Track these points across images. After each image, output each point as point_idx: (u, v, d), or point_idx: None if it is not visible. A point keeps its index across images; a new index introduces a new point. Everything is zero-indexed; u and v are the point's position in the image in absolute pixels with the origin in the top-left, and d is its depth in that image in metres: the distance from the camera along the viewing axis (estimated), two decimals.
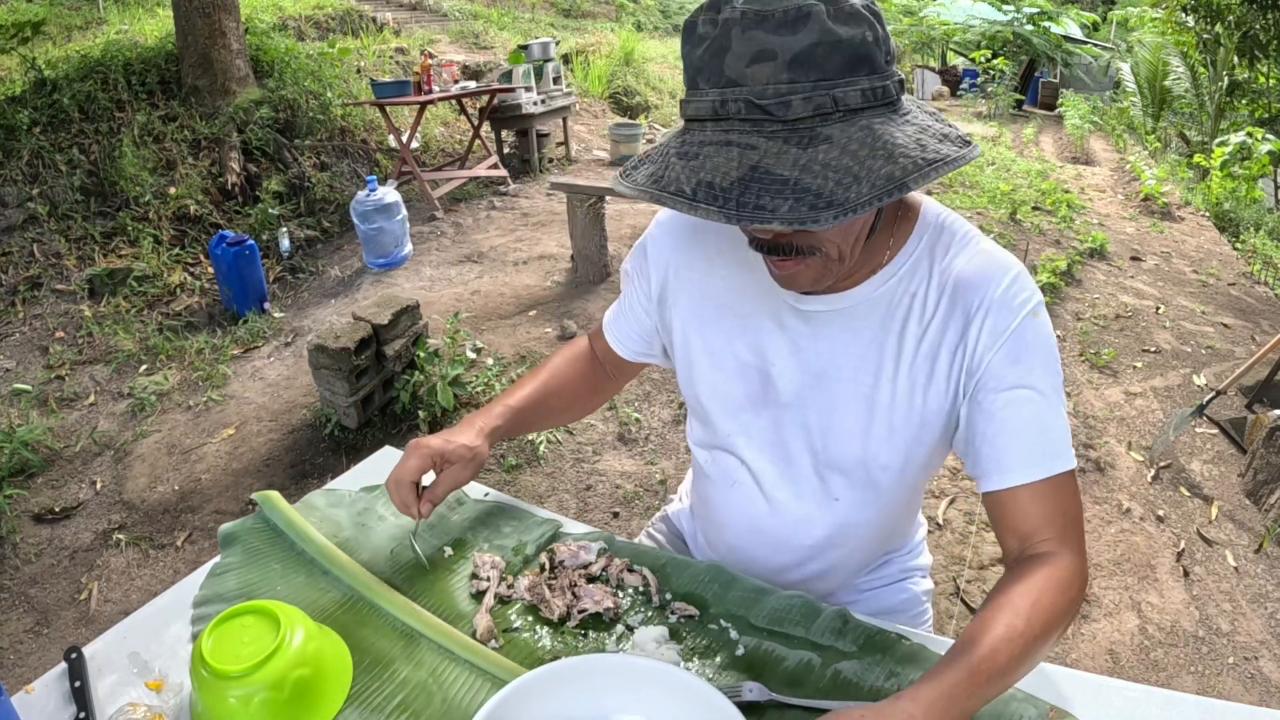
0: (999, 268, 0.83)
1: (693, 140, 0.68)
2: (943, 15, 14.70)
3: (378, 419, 3.11)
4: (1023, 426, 0.80)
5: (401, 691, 0.81)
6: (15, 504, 2.80)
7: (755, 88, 0.64)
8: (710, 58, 0.66)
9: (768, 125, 0.64)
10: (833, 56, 0.64)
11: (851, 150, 0.63)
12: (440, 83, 5.89)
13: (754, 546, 1.02)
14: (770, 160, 0.63)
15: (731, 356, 0.93)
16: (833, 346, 0.87)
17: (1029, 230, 5.27)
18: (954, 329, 0.82)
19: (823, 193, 0.61)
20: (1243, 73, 8.80)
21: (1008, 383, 0.80)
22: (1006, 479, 0.80)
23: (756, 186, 0.62)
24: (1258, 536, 2.58)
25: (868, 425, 0.87)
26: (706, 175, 0.64)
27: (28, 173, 4.63)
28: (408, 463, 0.94)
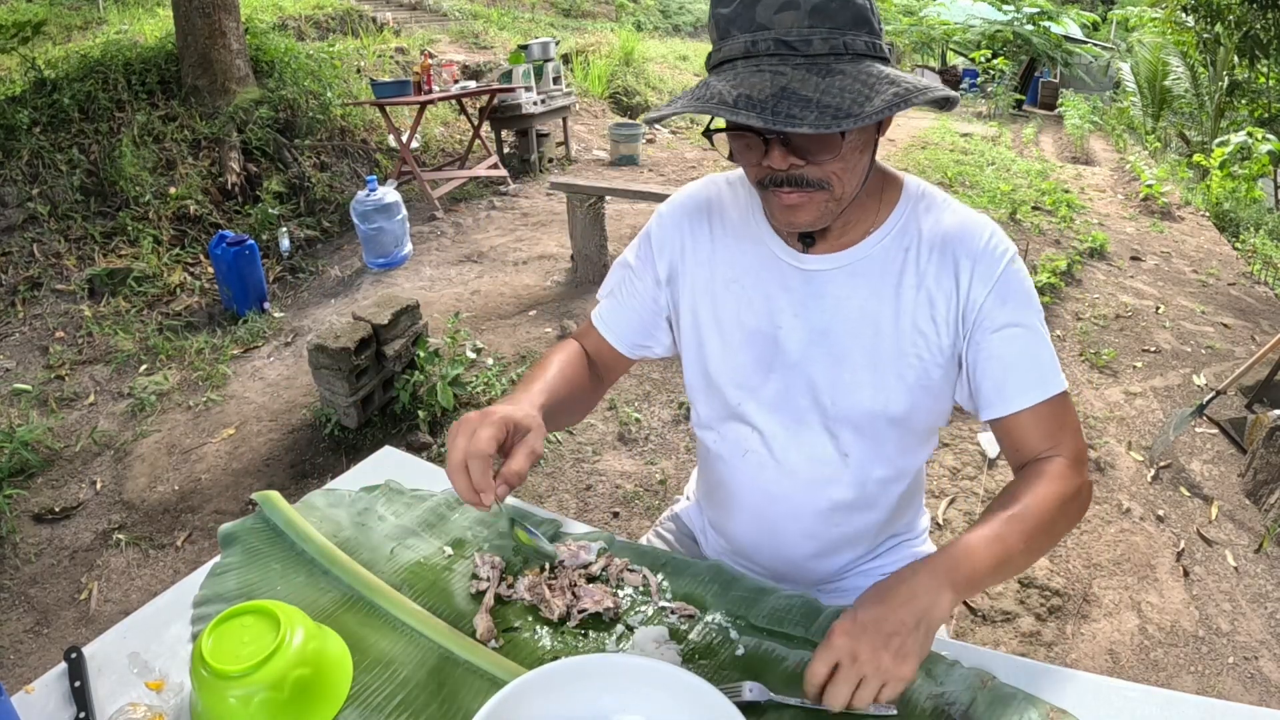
0: (979, 224, 0.93)
1: (728, 74, 0.78)
2: (943, 15, 14.69)
3: (378, 419, 3.11)
4: (1017, 358, 0.90)
5: (401, 691, 0.81)
6: (15, 504, 2.80)
7: (781, 29, 0.76)
8: (743, 9, 0.77)
9: (793, 59, 0.76)
10: (843, 11, 0.76)
11: (863, 79, 0.75)
12: (440, 83, 5.89)
13: (770, 518, 1.04)
14: (797, 84, 0.74)
15: (739, 326, 0.99)
16: (835, 303, 0.94)
17: (1029, 230, 5.27)
18: (947, 277, 0.91)
19: (841, 107, 0.72)
20: (1243, 73, 8.79)
21: (1000, 322, 0.90)
22: (1009, 405, 0.90)
23: (787, 102, 0.73)
24: (1258, 536, 2.58)
25: (874, 376, 0.93)
26: (745, 90, 0.74)
27: (28, 173, 4.63)
28: (480, 433, 0.81)
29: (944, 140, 8.65)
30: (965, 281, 0.90)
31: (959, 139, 8.78)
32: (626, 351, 1.10)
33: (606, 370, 1.13)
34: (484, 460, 0.80)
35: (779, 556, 1.07)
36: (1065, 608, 2.25)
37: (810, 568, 1.08)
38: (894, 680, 0.70)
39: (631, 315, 1.08)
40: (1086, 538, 2.55)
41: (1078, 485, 0.88)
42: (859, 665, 0.70)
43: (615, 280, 1.10)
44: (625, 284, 1.09)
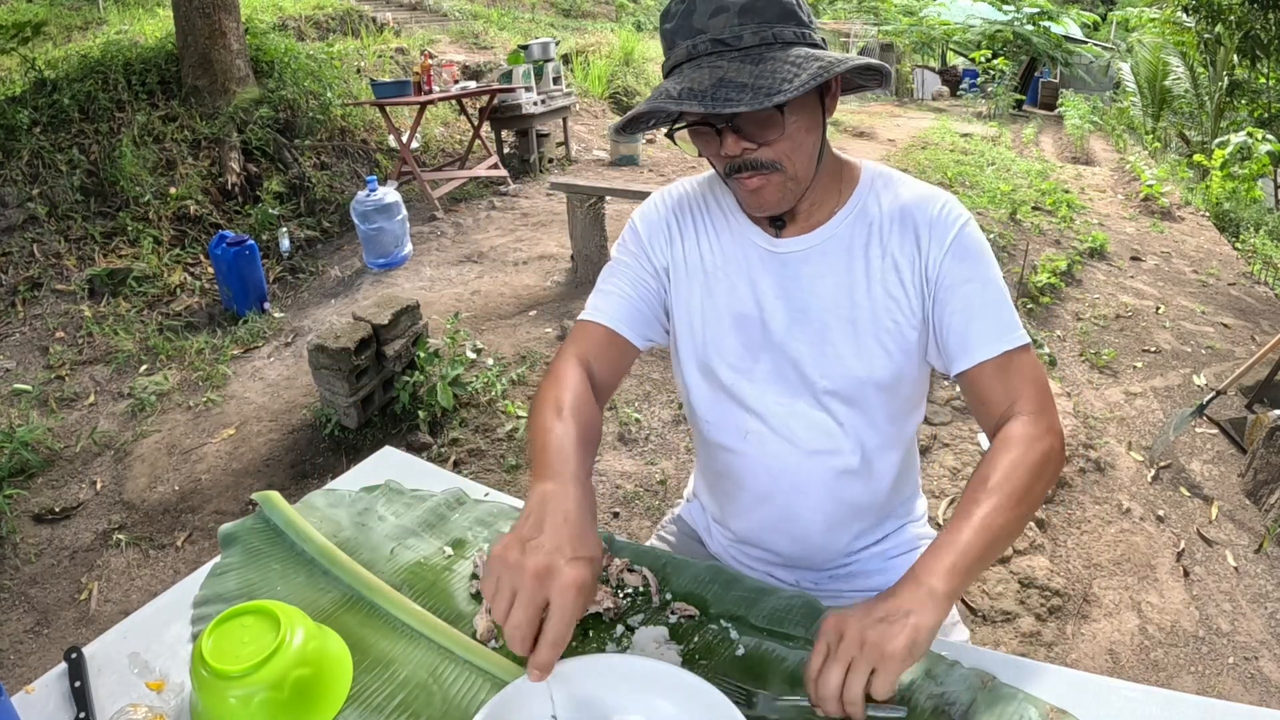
0: (933, 195, 1.00)
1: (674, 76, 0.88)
2: (943, 15, 14.69)
3: (378, 419, 3.11)
4: (977, 311, 0.95)
5: (401, 691, 0.81)
6: (15, 504, 2.80)
7: (716, 31, 0.86)
8: (681, 20, 0.88)
9: (728, 53, 0.85)
10: (770, 8, 0.86)
11: (792, 61, 0.83)
12: (440, 83, 5.89)
13: (777, 495, 1.06)
14: (733, 73, 0.83)
15: (727, 311, 1.04)
16: (811, 281, 1.01)
17: (1029, 230, 5.27)
18: (908, 245, 0.98)
19: (772, 87, 0.81)
20: (1243, 72, 8.79)
21: (959, 279, 0.96)
22: (973, 357, 0.94)
23: (725, 89, 0.82)
24: (1258, 536, 2.58)
25: (855, 345, 0.99)
26: (687, 84, 0.84)
27: (28, 173, 4.63)
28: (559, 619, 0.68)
29: (944, 140, 8.65)
30: (925, 245, 0.97)
31: (959, 139, 8.78)
32: (636, 340, 1.04)
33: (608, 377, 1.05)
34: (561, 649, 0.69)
35: (789, 536, 1.10)
36: (1065, 608, 2.25)
37: (820, 544, 1.10)
38: (884, 662, 0.69)
39: (637, 303, 1.05)
40: (1086, 538, 2.55)
41: (1047, 447, 0.88)
42: (845, 644, 0.71)
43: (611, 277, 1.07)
44: (619, 277, 1.06)
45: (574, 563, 0.69)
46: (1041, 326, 4.03)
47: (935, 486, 2.70)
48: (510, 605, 0.68)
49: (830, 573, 1.13)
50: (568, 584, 0.68)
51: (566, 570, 0.69)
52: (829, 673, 0.70)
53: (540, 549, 0.70)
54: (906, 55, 16.90)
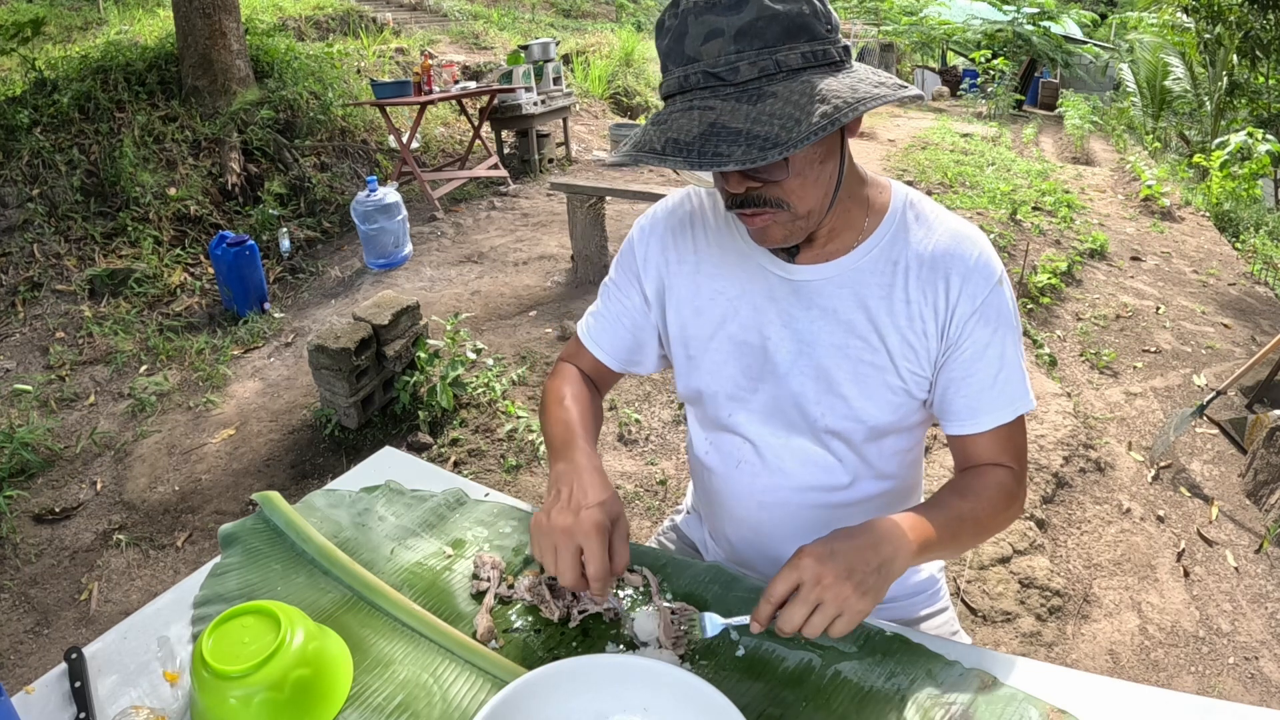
0: (971, 242, 0.93)
1: (665, 112, 0.78)
2: (943, 15, 14.69)
3: (378, 419, 3.11)
4: (991, 381, 0.92)
5: (401, 691, 0.81)
6: (15, 504, 2.80)
7: (709, 60, 0.75)
8: (673, 43, 0.77)
9: (722, 89, 0.75)
10: (771, 27, 0.74)
11: (794, 100, 0.73)
12: (440, 83, 5.89)
13: (767, 527, 1.05)
14: (726, 117, 0.73)
15: (727, 338, 0.99)
16: (823, 314, 0.94)
17: (1029, 230, 5.27)
18: (936, 295, 0.91)
19: (769, 137, 0.71)
20: (1243, 73, 8.79)
21: (981, 344, 0.91)
22: (979, 425, 0.93)
23: (715, 139, 0.72)
24: (1258, 537, 2.58)
25: (862, 388, 0.94)
26: (672, 134, 0.74)
27: (28, 173, 4.63)
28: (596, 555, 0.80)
29: (944, 140, 8.65)
30: (954, 299, 0.90)
31: (959, 139, 8.78)
32: (617, 368, 1.10)
33: (602, 384, 1.14)
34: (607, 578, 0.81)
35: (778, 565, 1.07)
36: (1066, 608, 2.25)
37: None
38: (850, 613, 0.73)
39: (622, 332, 1.08)
40: (1087, 538, 2.55)
41: (1019, 502, 0.95)
42: (820, 589, 0.73)
43: (604, 297, 1.10)
44: (612, 301, 1.09)
45: (589, 511, 0.82)
46: (1041, 326, 4.03)
47: (936, 487, 2.70)
48: (555, 559, 0.81)
49: None
50: (589, 529, 0.81)
51: (584, 518, 0.81)
52: (794, 612, 0.73)
53: (564, 510, 0.83)
54: (906, 55, 16.90)
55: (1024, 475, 0.97)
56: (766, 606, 0.75)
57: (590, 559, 0.80)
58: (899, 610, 1.13)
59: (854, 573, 0.74)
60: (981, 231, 0.94)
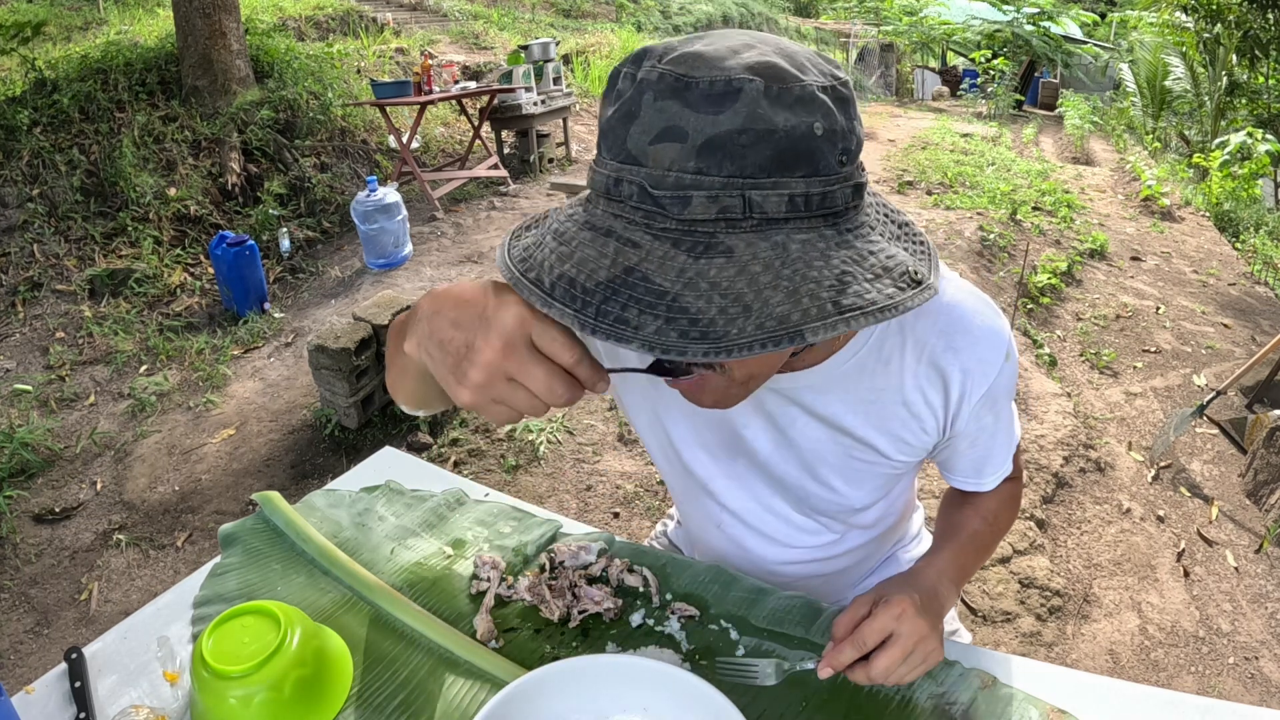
0: (970, 324, 0.77)
1: (576, 219, 0.57)
2: (943, 15, 14.70)
3: (378, 419, 3.11)
4: (996, 448, 0.90)
5: (402, 691, 0.81)
6: (15, 504, 2.80)
7: (654, 171, 0.52)
8: (617, 123, 0.55)
9: (659, 220, 0.52)
10: (758, 148, 0.51)
11: (752, 272, 0.51)
12: (440, 83, 5.89)
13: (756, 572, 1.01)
14: (651, 265, 0.51)
15: (696, 415, 0.88)
16: (806, 415, 0.83)
17: (1029, 230, 5.27)
18: (935, 392, 0.80)
19: (700, 319, 0.49)
20: (1242, 72, 8.80)
21: (990, 424, 0.86)
22: (983, 485, 0.93)
23: (626, 294, 0.51)
24: (1258, 537, 2.58)
25: (850, 480, 0.88)
26: (570, 269, 0.53)
27: (28, 173, 4.63)
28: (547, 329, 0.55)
29: (944, 140, 8.66)
30: (956, 393, 0.79)
31: (959, 139, 8.78)
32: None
33: None
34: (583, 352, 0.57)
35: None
36: (1066, 608, 2.25)
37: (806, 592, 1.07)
38: (930, 665, 0.72)
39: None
40: (1087, 538, 2.55)
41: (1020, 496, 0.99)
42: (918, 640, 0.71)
43: None
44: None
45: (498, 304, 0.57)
46: (1041, 326, 4.03)
47: (936, 487, 2.71)
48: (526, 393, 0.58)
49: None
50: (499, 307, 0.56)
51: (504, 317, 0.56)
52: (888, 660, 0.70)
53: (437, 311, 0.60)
54: (906, 55, 16.91)
55: (1021, 472, 0.98)
56: (851, 651, 0.70)
57: (557, 350, 0.55)
58: None
59: (936, 624, 0.73)
60: (985, 299, 0.80)
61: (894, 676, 0.71)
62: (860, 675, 0.71)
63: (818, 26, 18.12)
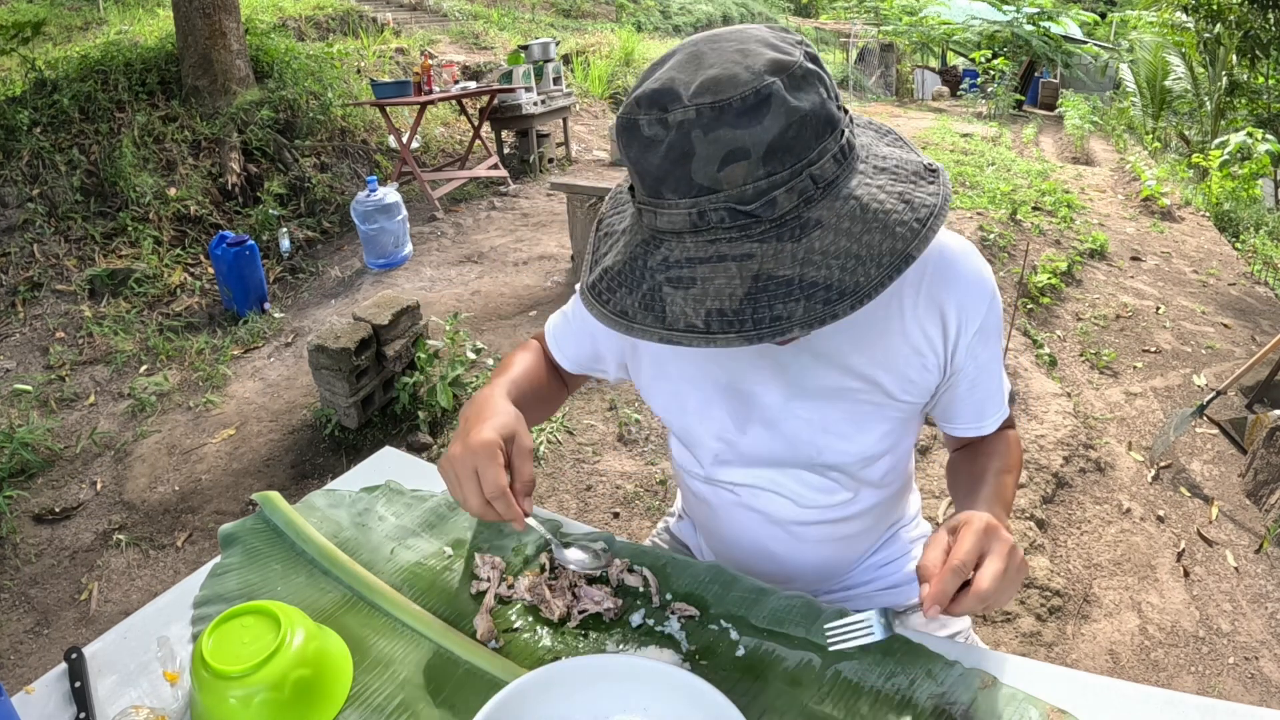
0: (962, 262, 0.87)
1: (677, 261, 0.63)
2: (943, 15, 14.70)
3: (378, 419, 3.11)
4: (993, 389, 0.95)
5: (401, 692, 0.81)
6: (15, 504, 2.80)
7: (733, 191, 0.59)
8: (672, 165, 0.60)
9: (755, 227, 0.60)
10: (801, 134, 0.60)
11: (845, 229, 0.60)
12: (440, 83, 5.89)
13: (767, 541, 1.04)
14: (770, 264, 0.60)
15: (709, 379, 0.94)
16: (816, 360, 0.89)
17: (1029, 230, 5.27)
18: (934, 325, 0.87)
19: (831, 284, 0.59)
20: (1243, 72, 8.80)
21: (984, 360, 0.91)
22: (984, 428, 0.97)
23: (765, 297, 0.59)
24: (1258, 537, 2.58)
25: (860, 425, 0.91)
26: (713, 302, 0.60)
27: (28, 173, 4.63)
28: (488, 472, 0.78)
29: (944, 140, 8.66)
30: (953, 327, 0.87)
31: (959, 139, 8.78)
32: (572, 369, 1.09)
33: (569, 376, 1.13)
34: (506, 496, 0.78)
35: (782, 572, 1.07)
36: (1066, 608, 2.25)
37: (815, 576, 1.08)
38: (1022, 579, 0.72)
39: (585, 340, 1.05)
40: (1087, 538, 2.55)
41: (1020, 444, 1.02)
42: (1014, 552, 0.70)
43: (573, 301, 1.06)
44: (577, 306, 1.04)
45: (477, 431, 0.81)
46: (1041, 326, 4.03)
47: (936, 487, 2.71)
48: (460, 489, 0.79)
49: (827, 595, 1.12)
50: (478, 449, 0.79)
51: (473, 439, 0.80)
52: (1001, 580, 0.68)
53: (457, 441, 0.82)
54: (907, 55, 16.91)
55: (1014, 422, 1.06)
56: (954, 578, 0.67)
57: (484, 479, 0.78)
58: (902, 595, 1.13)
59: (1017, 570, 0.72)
60: (966, 240, 0.91)
61: (1001, 593, 0.68)
62: (969, 601, 0.68)
63: (818, 26, 18.13)
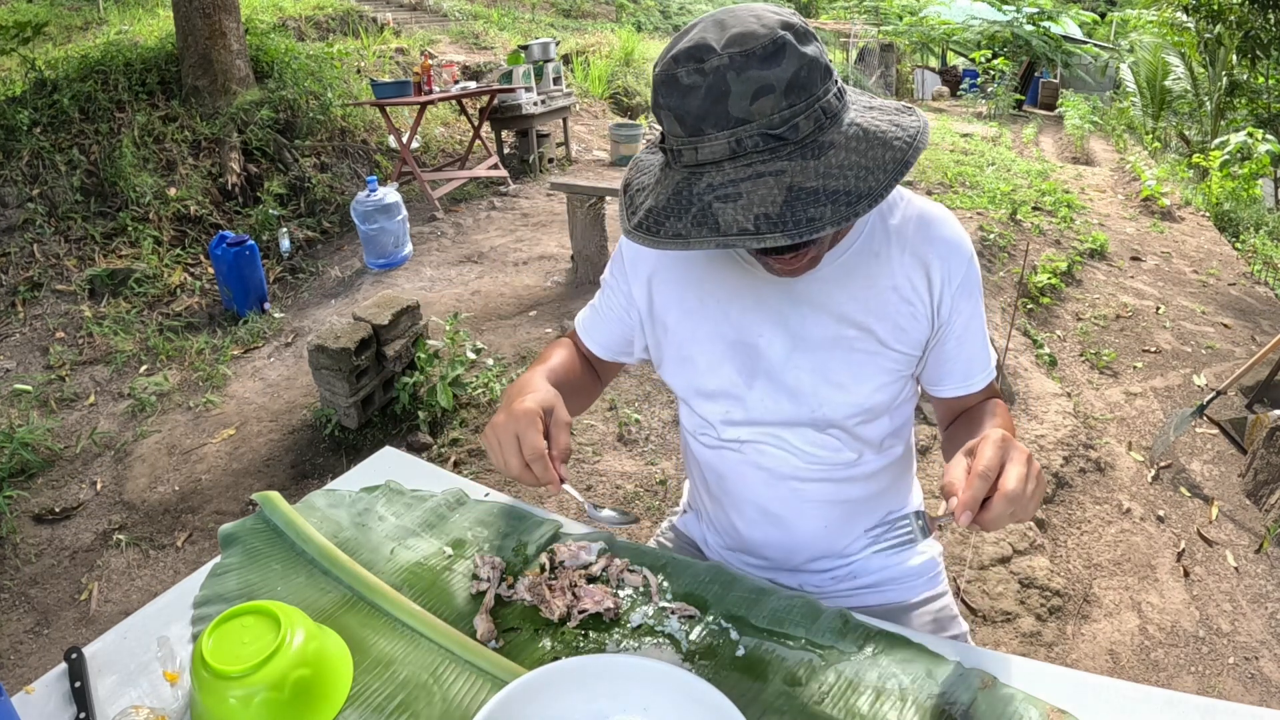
0: (941, 223, 0.98)
1: (720, 182, 0.74)
2: (943, 15, 14.70)
3: (378, 419, 3.11)
4: (977, 344, 1.01)
5: (401, 692, 0.81)
6: (15, 504, 2.80)
7: (764, 120, 0.72)
8: (712, 104, 0.73)
9: (784, 149, 0.73)
10: (812, 75, 0.74)
11: (854, 148, 0.74)
12: (440, 83, 5.89)
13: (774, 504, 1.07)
14: (799, 177, 0.72)
15: (720, 339, 1.01)
16: (814, 311, 0.97)
17: (1029, 230, 5.27)
18: (918, 276, 0.96)
19: (851, 190, 0.71)
20: (1243, 72, 8.80)
21: (968, 315, 0.99)
22: (971, 385, 1.02)
23: (799, 204, 0.71)
24: (1258, 537, 2.58)
25: (857, 374, 0.97)
26: (759, 207, 0.72)
27: (28, 173, 4.63)
28: (529, 436, 0.84)
29: (944, 140, 8.66)
30: (937, 280, 0.96)
31: (959, 139, 8.78)
32: (609, 358, 1.16)
33: (600, 370, 1.19)
34: (544, 459, 0.84)
35: (788, 540, 1.09)
36: (1066, 608, 2.25)
37: (821, 547, 1.10)
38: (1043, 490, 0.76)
39: (613, 327, 1.13)
40: (1087, 538, 2.55)
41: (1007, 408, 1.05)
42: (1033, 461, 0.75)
43: (599, 293, 1.16)
44: (606, 297, 1.13)
45: (520, 402, 0.87)
46: (1041, 326, 4.03)
47: (936, 486, 2.71)
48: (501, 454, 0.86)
49: (831, 573, 1.13)
50: (520, 416, 0.85)
51: (515, 408, 0.86)
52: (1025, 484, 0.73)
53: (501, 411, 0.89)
54: (906, 55, 16.91)
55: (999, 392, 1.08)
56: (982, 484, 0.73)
57: (524, 442, 0.84)
58: (900, 592, 1.14)
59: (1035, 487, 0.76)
60: (945, 208, 1.00)
61: (1026, 499, 0.73)
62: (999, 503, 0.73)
63: (818, 26, 18.12)
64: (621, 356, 1.15)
